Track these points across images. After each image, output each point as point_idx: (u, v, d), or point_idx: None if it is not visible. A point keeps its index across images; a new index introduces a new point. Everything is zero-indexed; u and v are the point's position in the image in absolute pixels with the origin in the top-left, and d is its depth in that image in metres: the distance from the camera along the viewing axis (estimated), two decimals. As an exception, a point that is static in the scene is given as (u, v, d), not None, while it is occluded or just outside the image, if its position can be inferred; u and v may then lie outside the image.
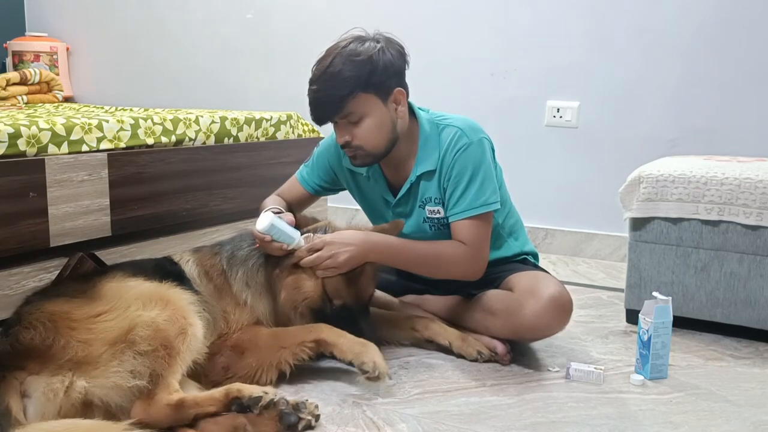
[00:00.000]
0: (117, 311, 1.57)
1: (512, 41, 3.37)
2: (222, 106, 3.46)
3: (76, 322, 1.53)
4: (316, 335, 1.76)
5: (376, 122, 1.87)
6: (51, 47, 4.32)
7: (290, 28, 3.85)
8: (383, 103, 1.88)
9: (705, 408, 1.74)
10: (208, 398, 1.54)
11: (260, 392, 1.53)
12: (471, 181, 1.91)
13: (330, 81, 1.82)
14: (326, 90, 1.83)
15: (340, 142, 1.92)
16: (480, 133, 1.95)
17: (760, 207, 2.12)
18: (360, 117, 1.86)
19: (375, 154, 1.92)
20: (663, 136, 3.12)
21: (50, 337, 1.49)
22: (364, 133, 1.87)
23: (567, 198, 3.35)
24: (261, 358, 1.74)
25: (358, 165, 1.98)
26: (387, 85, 1.87)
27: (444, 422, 1.63)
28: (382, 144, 1.91)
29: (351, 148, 1.91)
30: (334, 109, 1.84)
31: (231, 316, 1.83)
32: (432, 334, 2.02)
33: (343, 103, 1.83)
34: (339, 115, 1.86)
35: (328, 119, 1.89)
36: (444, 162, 1.94)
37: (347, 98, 1.82)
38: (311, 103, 1.88)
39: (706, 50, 3.03)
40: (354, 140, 1.88)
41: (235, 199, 2.56)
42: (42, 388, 1.43)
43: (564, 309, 1.90)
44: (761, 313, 2.16)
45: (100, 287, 1.64)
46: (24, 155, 1.90)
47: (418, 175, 1.97)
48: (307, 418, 1.54)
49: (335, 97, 1.82)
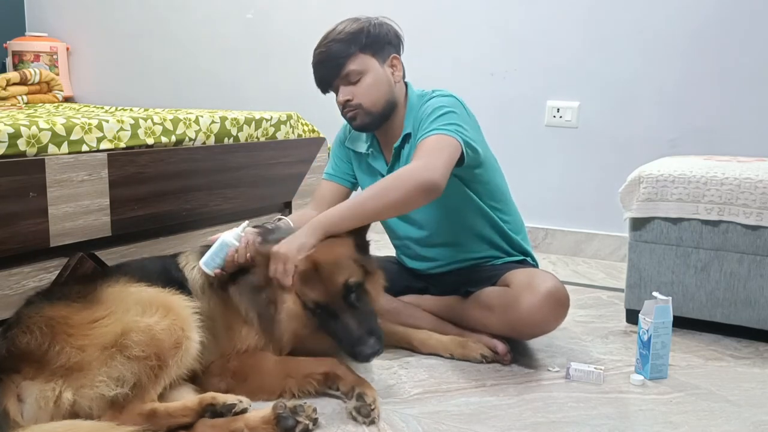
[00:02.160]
0: (115, 316, 1.55)
1: (512, 41, 3.38)
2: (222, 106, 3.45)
3: (73, 327, 1.52)
4: (326, 368, 1.70)
5: (373, 80, 1.99)
6: (51, 47, 4.32)
7: (290, 28, 3.85)
8: (380, 65, 2.01)
9: (705, 408, 1.74)
10: (180, 408, 1.52)
11: (235, 400, 1.51)
12: (437, 111, 1.93)
13: (332, 43, 1.98)
14: (329, 51, 1.98)
15: (341, 100, 2.01)
16: (454, 94, 2.03)
17: (760, 207, 2.12)
18: (359, 76, 1.98)
19: (373, 113, 2.01)
20: (663, 136, 3.12)
21: (46, 342, 1.48)
22: (363, 90, 1.98)
23: (567, 198, 3.35)
24: (263, 385, 1.69)
25: (357, 126, 2.05)
26: (383, 48, 2.02)
27: (444, 422, 1.63)
28: (380, 103, 2.00)
29: (351, 107, 2.00)
30: (336, 66, 1.97)
31: (237, 333, 1.76)
32: (431, 350, 2.02)
33: (343, 61, 1.96)
34: (340, 75, 1.98)
35: (331, 79, 2.00)
36: (416, 119, 2.00)
37: (348, 57, 1.97)
38: (315, 65, 2.02)
39: (706, 50, 3.03)
40: (354, 99, 1.99)
41: (235, 199, 2.56)
42: (35, 395, 1.43)
43: (561, 303, 1.90)
44: (761, 313, 2.16)
45: (101, 291, 1.63)
46: (24, 155, 1.90)
47: (401, 140, 2.04)
48: (305, 422, 1.52)
49: (335, 55, 1.97)
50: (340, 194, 2.21)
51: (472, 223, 2.08)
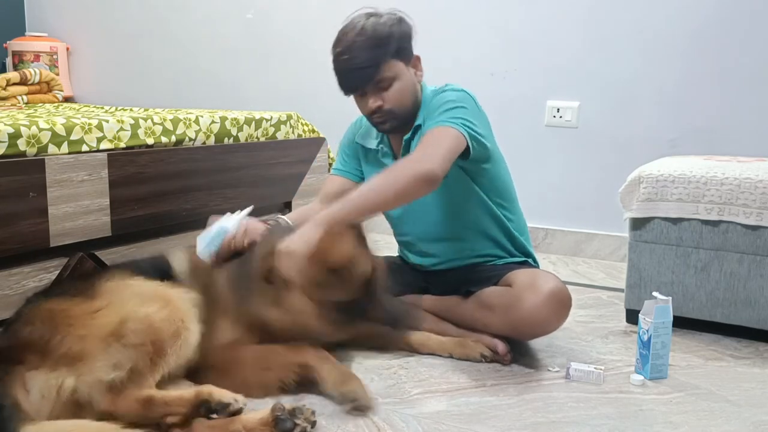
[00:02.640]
0: (114, 307, 1.57)
1: (512, 41, 3.37)
2: (222, 106, 3.45)
3: (74, 318, 1.53)
4: (301, 359, 1.70)
5: (403, 86, 1.97)
6: (51, 47, 4.33)
7: (290, 28, 3.84)
8: (406, 68, 1.99)
9: (705, 408, 1.74)
10: (177, 399, 1.51)
11: (230, 398, 1.50)
12: (446, 104, 1.93)
13: (363, 47, 1.90)
14: (360, 57, 1.90)
15: (372, 107, 1.96)
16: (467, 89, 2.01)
17: (760, 207, 2.12)
18: (390, 82, 1.95)
19: (403, 117, 2.00)
20: (663, 136, 3.12)
21: (48, 333, 1.50)
22: (395, 96, 1.96)
23: (567, 198, 3.35)
24: (246, 379, 1.67)
25: (386, 129, 2.03)
26: (409, 50, 2.00)
27: (444, 422, 1.63)
28: (410, 106, 2.00)
29: (381, 113, 1.97)
30: (369, 74, 1.92)
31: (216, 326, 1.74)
32: (430, 351, 2.02)
33: (378, 68, 1.91)
34: (373, 80, 1.93)
35: (361, 86, 1.95)
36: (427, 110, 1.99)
37: (381, 63, 1.91)
38: (342, 72, 1.95)
39: (706, 50, 3.03)
40: (385, 105, 1.96)
41: (235, 199, 2.56)
42: (39, 385, 1.44)
43: (563, 303, 1.90)
44: (761, 313, 2.16)
45: (101, 285, 1.65)
46: (24, 155, 1.90)
47: (411, 133, 2.03)
48: (303, 424, 1.51)
49: (370, 61, 1.90)
50: (348, 189, 2.19)
51: (476, 219, 2.09)
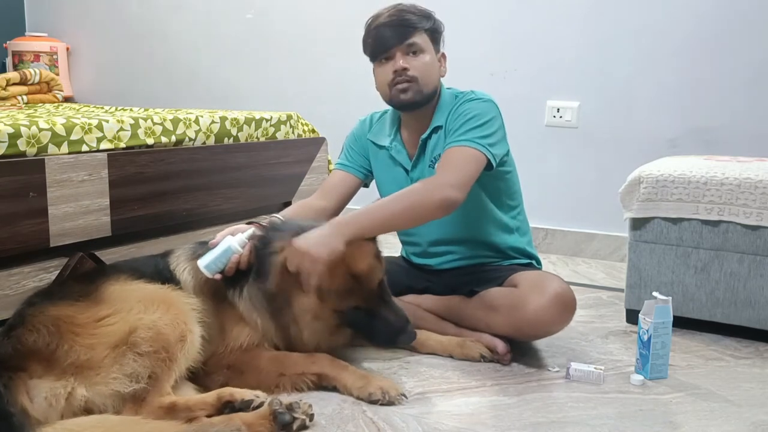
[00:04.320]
0: (120, 314, 1.57)
1: (512, 41, 3.38)
2: (222, 106, 3.45)
3: (79, 326, 1.53)
4: (318, 369, 1.74)
5: (430, 63, 2.02)
6: (51, 47, 4.32)
7: (290, 28, 3.84)
8: (435, 51, 2.04)
9: (705, 408, 1.74)
10: (200, 402, 1.55)
11: (252, 395, 1.56)
12: (473, 120, 1.94)
13: (403, 11, 2.00)
14: (399, 18, 1.98)
15: (398, 67, 1.97)
16: (492, 98, 2.04)
17: (760, 207, 2.12)
18: (420, 50, 1.99)
19: (423, 92, 2.00)
20: (663, 136, 3.12)
21: (54, 341, 1.50)
22: (420, 65, 1.99)
23: (567, 198, 3.35)
24: (259, 380, 1.71)
25: (406, 99, 2.01)
26: (440, 39, 2.07)
27: (444, 422, 1.63)
28: (430, 86, 2.02)
29: (407, 77, 1.98)
30: (405, 32, 1.97)
31: (230, 333, 1.78)
32: (430, 350, 2.03)
33: (412, 31, 1.97)
34: (405, 42, 1.97)
35: (393, 43, 1.98)
36: (451, 114, 2.01)
37: (417, 29, 1.98)
38: (378, 30, 1.99)
39: (706, 50, 3.03)
40: (411, 70, 1.98)
41: (235, 199, 2.56)
42: (44, 393, 1.44)
43: (568, 306, 1.91)
44: (761, 313, 2.16)
45: (103, 290, 1.64)
46: (24, 155, 1.90)
47: (429, 132, 2.04)
48: (301, 417, 1.54)
49: (408, 22, 1.98)
50: (351, 184, 2.20)
51: (484, 222, 2.10)
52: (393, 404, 1.68)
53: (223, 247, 1.79)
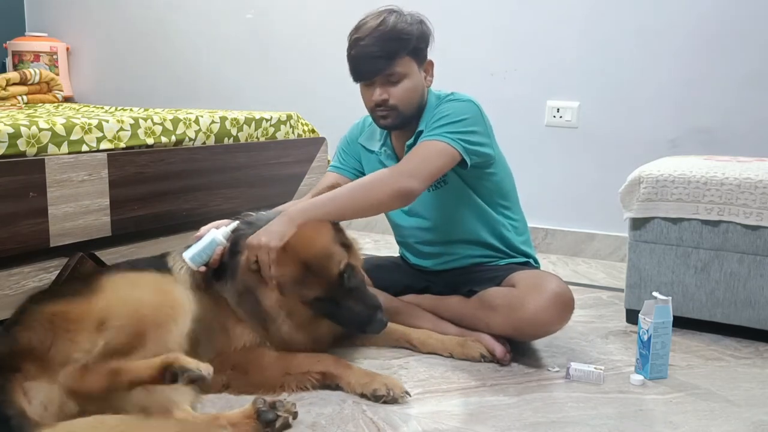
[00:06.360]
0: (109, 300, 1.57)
1: (512, 41, 3.38)
2: (222, 106, 3.45)
3: (73, 323, 1.53)
4: (322, 367, 1.75)
5: (412, 85, 1.96)
6: (51, 47, 4.32)
7: (290, 28, 3.84)
8: (418, 70, 1.98)
9: (705, 408, 1.74)
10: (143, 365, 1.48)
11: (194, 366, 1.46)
12: (447, 117, 1.93)
13: (383, 37, 1.90)
14: (378, 45, 1.90)
15: (377, 99, 1.95)
16: (472, 98, 2.01)
17: (760, 207, 2.12)
18: (400, 78, 1.94)
19: (406, 116, 1.99)
20: (663, 136, 3.12)
21: (48, 339, 1.49)
22: (401, 93, 1.95)
23: (567, 198, 3.35)
24: (264, 380, 1.72)
25: (387, 125, 2.01)
26: (424, 53, 2.00)
27: (444, 422, 1.63)
28: (414, 107, 1.99)
29: (386, 107, 1.96)
30: (383, 64, 1.91)
31: (232, 332, 1.78)
32: (430, 349, 2.03)
33: (392, 60, 1.90)
34: (385, 72, 1.92)
35: (374, 75, 1.93)
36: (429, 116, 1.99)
37: (396, 57, 1.91)
38: (357, 58, 1.94)
39: (706, 50, 3.03)
40: (391, 99, 1.95)
41: (235, 199, 2.56)
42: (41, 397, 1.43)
43: (566, 305, 1.91)
44: (761, 313, 2.16)
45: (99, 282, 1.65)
46: (24, 155, 1.90)
47: (414, 138, 2.02)
48: (284, 415, 1.54)
49: (386, 53, 1.90)
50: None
51: (475, 223, 2.10)
52: (397, 401, 1.69)
53: (207, 239, 1.80)
